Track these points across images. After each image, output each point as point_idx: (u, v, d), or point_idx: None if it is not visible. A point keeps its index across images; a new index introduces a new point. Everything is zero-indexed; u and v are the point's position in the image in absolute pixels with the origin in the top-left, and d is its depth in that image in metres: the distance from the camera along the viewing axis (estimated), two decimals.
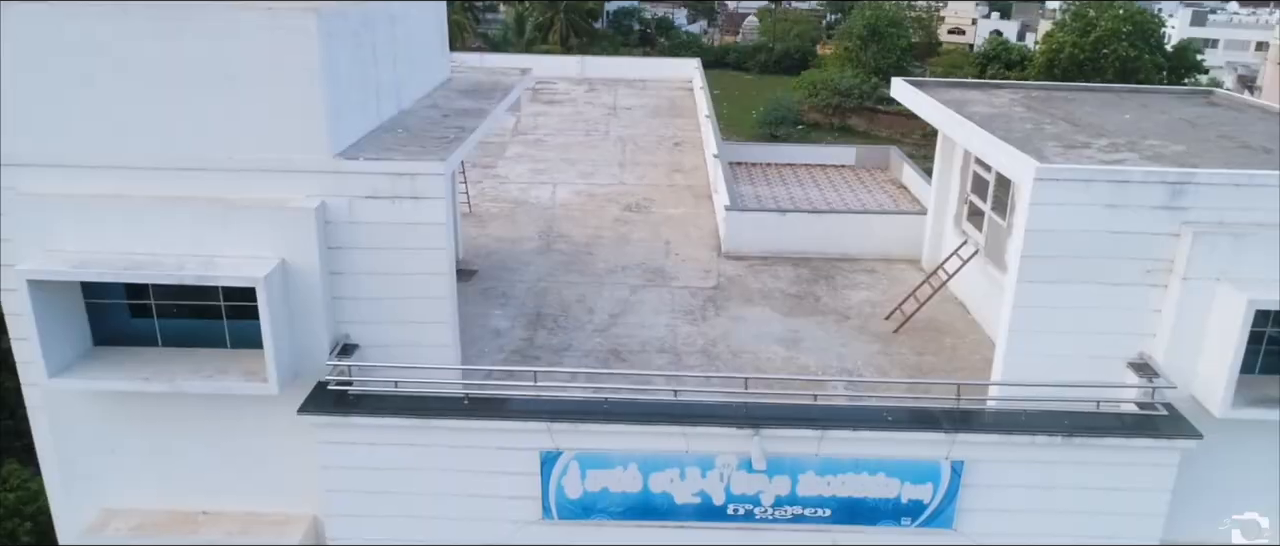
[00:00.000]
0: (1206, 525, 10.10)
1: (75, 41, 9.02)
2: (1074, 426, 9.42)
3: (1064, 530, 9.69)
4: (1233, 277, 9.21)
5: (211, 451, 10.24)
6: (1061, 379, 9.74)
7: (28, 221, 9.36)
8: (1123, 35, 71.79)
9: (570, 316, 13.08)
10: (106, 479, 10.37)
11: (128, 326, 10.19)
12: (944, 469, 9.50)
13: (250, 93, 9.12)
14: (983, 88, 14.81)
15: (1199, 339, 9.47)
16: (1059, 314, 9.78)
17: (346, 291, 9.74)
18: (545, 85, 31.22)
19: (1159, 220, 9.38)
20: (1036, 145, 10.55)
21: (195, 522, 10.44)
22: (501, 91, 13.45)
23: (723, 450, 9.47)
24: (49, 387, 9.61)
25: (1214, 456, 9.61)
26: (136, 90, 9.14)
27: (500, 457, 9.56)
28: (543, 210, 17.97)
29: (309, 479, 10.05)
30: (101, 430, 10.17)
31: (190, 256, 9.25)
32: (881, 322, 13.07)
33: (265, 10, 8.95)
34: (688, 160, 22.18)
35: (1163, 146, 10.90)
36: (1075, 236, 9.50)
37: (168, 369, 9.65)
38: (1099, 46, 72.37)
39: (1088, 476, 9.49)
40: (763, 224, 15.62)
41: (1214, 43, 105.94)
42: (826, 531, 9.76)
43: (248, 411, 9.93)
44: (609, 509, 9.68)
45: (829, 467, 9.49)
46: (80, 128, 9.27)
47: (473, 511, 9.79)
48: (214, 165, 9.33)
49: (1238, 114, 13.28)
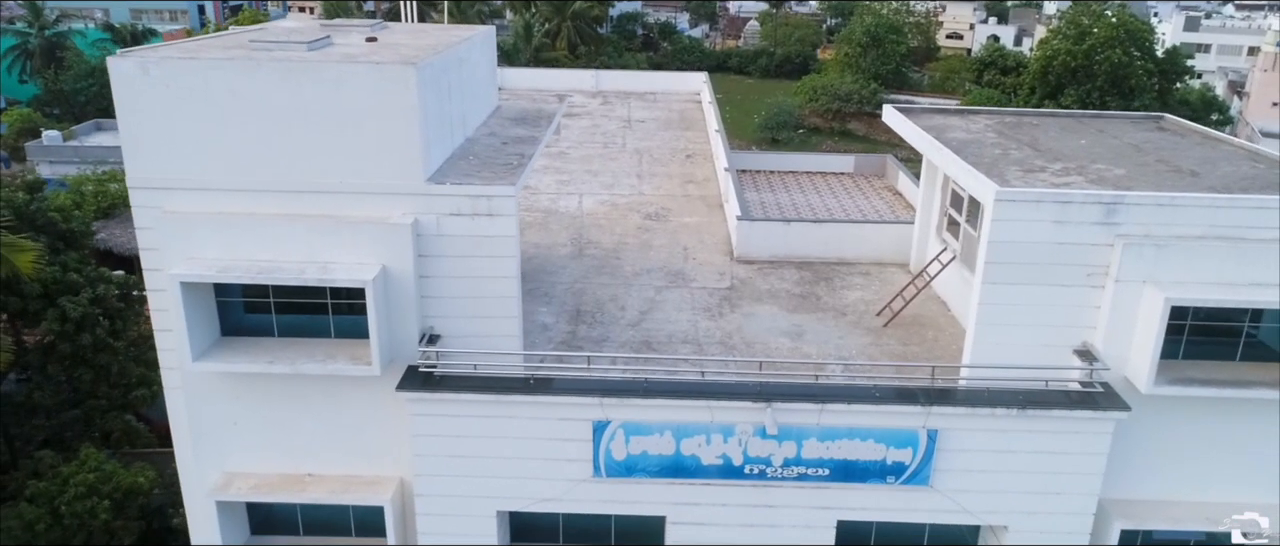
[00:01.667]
0: (1138, 482, 12.23)
1: (216, 88, 11.17)
2: (1027, 401, 11.57)
3: (1019, 486, 11.83)
4: (1155, 280, 11.35)
5: (317, 423, 12.37)
6: (1018, 362, 11.89)
7: (173, 234, 11.50)
8: (1115, 42, 73.69)
9: (605, 313, 15.21)
10: (229, 447, 12.51)
11: (245, 320, 12.35)
12: (922, 436, 11.65)
13: (359, 130, 11.27)
14: (962, 114, 16.98)
15: (1129, 330, 11.61)
16: (1017, 309, 11.92)
17: (433, 291, 11.88)
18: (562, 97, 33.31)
19: (1096, 233, 11.52)
20: (1000, 169, 12.71)
21: (303, 483, 12.59)
22: (546, 119, 15.61)
23: (741, 420, 11.61)
24: (190, 370, 11.76)
25: (1142, 425, 11.75)
26: (264, 127, 11.29)
27: (559, 426, 11.70)
28: (572, 219, 20.08)
29: (398, 446, 12.22)
30: (227, 406, 12.31)
31: (308, 263, 11.40)
32: (873, 318, 15.19)
33: (374, 67, 11.11)
34: (699, 172, 24.28)
35: (1107, 170, 13.05)
36: (1029, 246, 11.64)
37: (286, 354, 11.80)
38: (1092, 53, 74.34)
39: (1039, 442, 11.64)
40: (770, 232, 17.74)
41: (1206, 48, 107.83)
42: (826, 488, 11.90)
43: (349, 390, 12.07)
44: (647, 468, 11.83)
45: (828, 435, 11.63)
46: (217, 157, 11.41)
47: (536, 471, 11.93)
48: (327, 188, 11.47)
49: (1180, 139, 15.43)
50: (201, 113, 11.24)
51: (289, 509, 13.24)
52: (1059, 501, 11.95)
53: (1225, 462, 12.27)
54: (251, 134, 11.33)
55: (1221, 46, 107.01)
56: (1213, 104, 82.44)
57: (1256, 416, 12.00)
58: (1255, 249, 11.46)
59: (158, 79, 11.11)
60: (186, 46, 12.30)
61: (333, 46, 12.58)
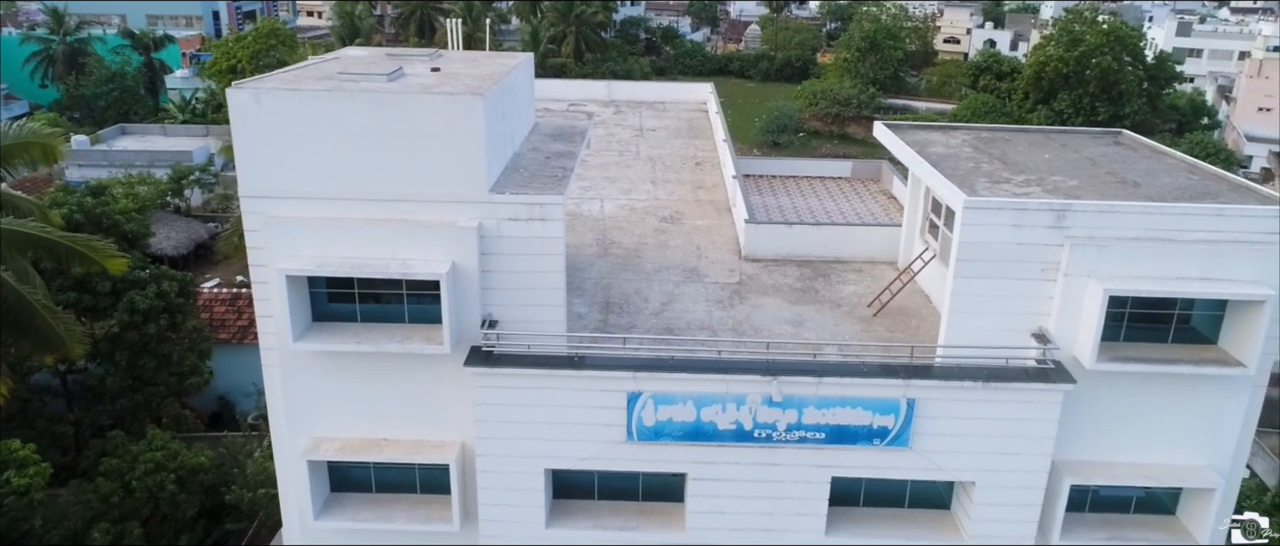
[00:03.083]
0: (1086, 444, 14.48)
1: (316, 114, 13.44)
2: (991, 375, 13.84)
3: (985, 447, 14.10)
4: (1097, 275, 13.61)
5: (392, 395, 14.62)
6: (984, 343, 14.15)
7: (277, 235, 13.76)
8: (1106, 49, 75.93)
9: (631, 304, 17.46)
10: (317, 415, 14.77)
11: (329, 308, 14.60)
12: (902, 405, 13.91)
13: (433, 148, 13.53)
14: (943, 130, 19.25)
15: (1077, 316, 13.86)
16: (983, 299, 14.17)
17: (492, 283, 14.12)
18: (577, 108, 35.55)
19: (1049, 235, 13.78)
20: (971, 180, 14.98)
21: (379, 446, 14.85)
22: (579, 135, 17.88)
23: (751, 392, 13.87)
24: (289, 350, 14.01)
25: (1087, 396, 14.01)
26: (354, 146, 13.55)
27: (599, 397, 13.96)
28: (595, 221, 22.32)
29: (461, 414, 14.47)
30: (316, 380, 14.56)
31: (392, 259, 13.66)
32: (865, 309, 17.44)
33: (448, 96, 13.38)
34: (708, 178, 26.52)
35: (1063, 181, 15.31)
36: (992, 246, 13.90)
37: (370, 336, 14.06)
38: (1084, 59, 76.59)
39: (1001, 410, 13.91)
40: (774, 234, 19.97)
41: (1198, 52, 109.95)
42: (822, 449, 14.16)
43: (420, 366, 14.32)
44: (672, 433, 14.09)
45: (824, 404, 13.89)
46: (314, 170, 13.66)
47: (578, 435, 14.20)
48: (406, 197, 13.73)
49: (1132, 153, 17.70)
50: (302, 134, 13.51)
51: (364, 470, 15.50)
52: (1018, 461, 14.21)
53: (1160, 428, 14.52)
54: (343, 151, 13.59)
55: (1213, 51, 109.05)
56: (1202, 108, 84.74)
57: (1185, 389, 14.26)
58: (1183, 248, 13.72)
59: (268, 107, 13.38)
60: (287, 77, 14.57)
61: (406, 77, 14.86)
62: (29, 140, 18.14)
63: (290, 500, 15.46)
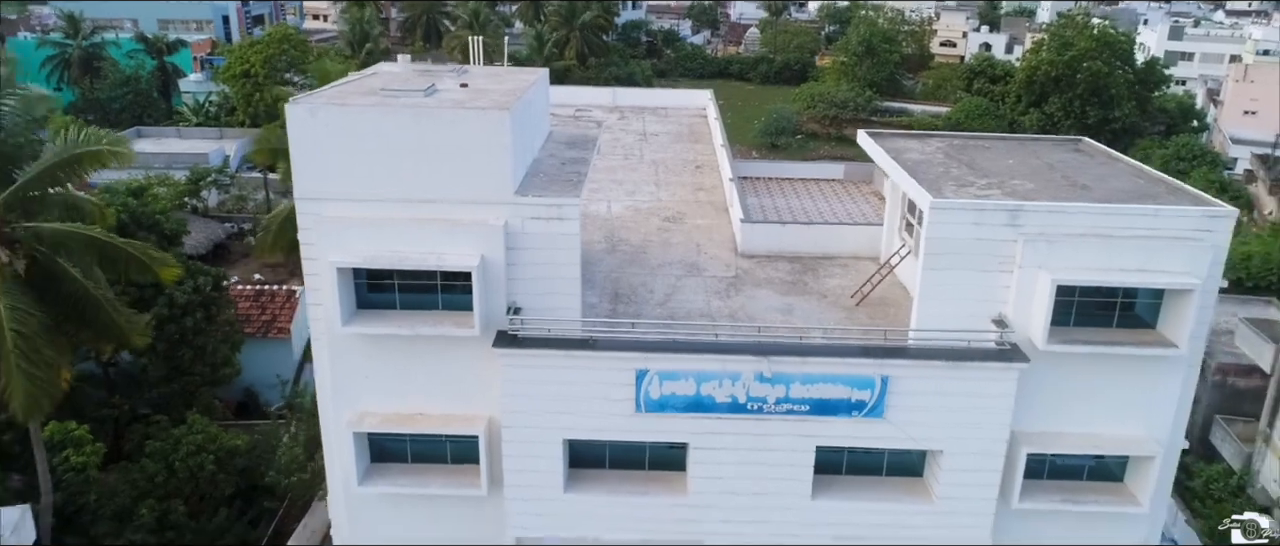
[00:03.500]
0: (1040, 417, 16.36)
1: (362, 126, 15.37)
2: (955, 355, 15.76)
3: (951, 419, 16.00)
4: (1047, 267, 15.52)
5: (427, 374, 16.52)
6: (950, 327, 16.06)
7: (328, 232, 15.68)
8: (1096, 54, 77.78)
9: (637, 295, 19.36)
10: (360, 391, 16.67)
11: (369, 298, 16.51)
12: (877, 381, 15.82)
13: (466, 156, 15.45)
14: (920, 138, 21.18)
15: (1030, 303, 15.77)
16: (949, 288, 16.08)
17: (516, 275, 16.02)
18: (584, 113, 37.42)
19: (1005, 232, 15.69)
20: (939, 184, 16.90)
21: (415, 419, 16.77)
22: (590, 142, 19.81)
23: (744, 370, 15.78)
24: (337, 333, 15.92)
25: (1040, 374, 15.90)
26: (395, 154, 15.46)
27: (611, 374, 15.87)
28: (603, 221, 24.21)
29: (489, 391, 16.36)
30: (360, 360, 16.46)
31: (429, 253, 15.57)
32: (848, 299, 19.35)
33: (479, 111, 15.31)
34: (707, 180, 28.41)
35: (1021, 184, 17.23)
36: (956, 241, 15.81)
37: (408, 321, 15.98)
38: (1074, 64, 78.44)
39: (964, 386, 15.82)
40: (768, 232, 21.86)
41: (1190, 56, 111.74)
42: (807, 420, 16.07)
43: (453, 348, 16.21)
44: (675, 405, 16.00)
45: (808, 380, 15.81)
46: (360, 175, 15.57)
47: (593, 408, 16.10)
48: (441, 198, 15.64)
49: (1089, 159, 19.62)
50: (351, 143, 15.43)
51: (400, 442, 17.40)
52: (981, 431, 16.12)
53: (1106, 403, 16.43)
54: (386, 159, 15.51)
55: (1204, 54, 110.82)
56: (1190, 111, 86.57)
57: (1128, 368, 16.16)
58: (1123, 244, 15.63)
59: (321, 120, 15.32)
60: (336, 93, 16.52)
61: (439, 92, 16.79)
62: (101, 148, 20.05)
63: (335, 469, 17.37)
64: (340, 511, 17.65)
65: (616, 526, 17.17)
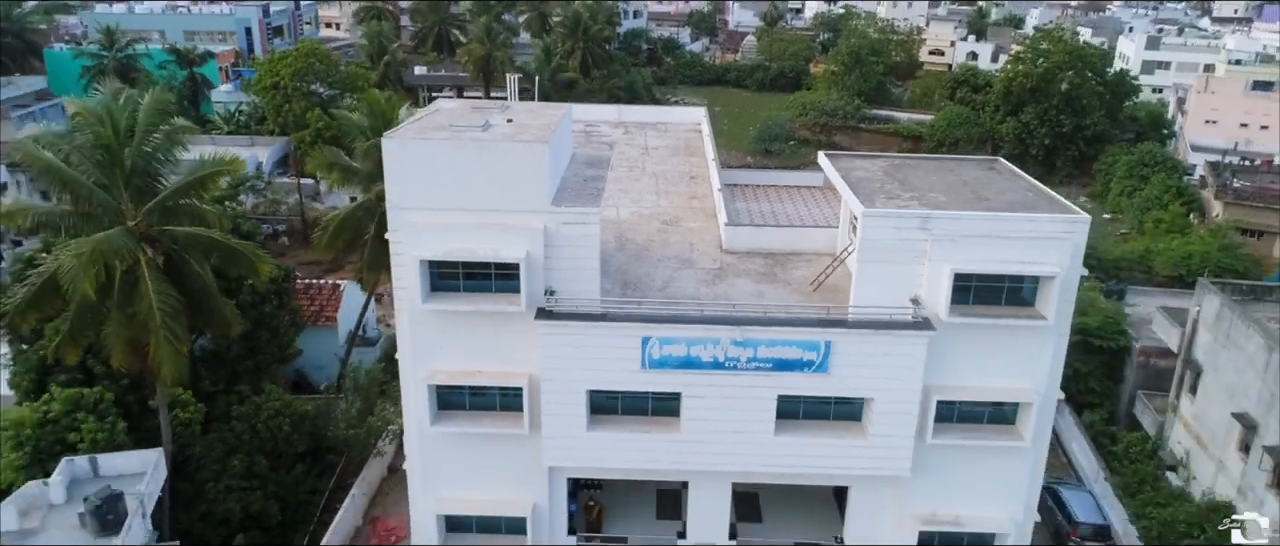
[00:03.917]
0: (947, 374, 21.60)
1: (437, 154, 20.67)
2: (881, 325, 21.05)
3: (878, 374, 21.27)
4: (949, 260, 20.79)
5: (484, 340, 21.76)
6: (879, 305, 21.33)
7: (412, 233, 20.95)
8: (1069, 66, 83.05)
9: (642, 283, 24.59)
10: (432, 354, 21.94)
11: (440, 283, 21.78)
12: (823, 345, 21.10)
13: (514, 176, 20.72)
14: (869, 158, 26.48)
15: (937, 287, 21.04)
16: (878, 276, 21.35)
17: (551, 266, 21.27)
18: (593, 128, 42.66)
19: (918, 234, 20.97)
20: (872, 197, 22.18)
21: (473, 374, 22.06)
22: (605, 162, 25.10)
23: (723, 337, 21.06)
24: (417, 309, 21.20)
25: (945, 340, 21.18)
26: (462, 174, 20.73)
27: (623, 340, 21.15)
28: (613, 224, 29.35)
29: (530, 354, 21.60)
30: (433, 330, 21.72)
31: (487, 249, 20.83)
32: (808, 286, 24.60)
33: (523, 144, 20.63)
34: (700, 189, 33.61)
35: (936, 197, 22.51)
36: (882, 242, 21.09)
37: (471, 300, 21.27)
38: (1049, 75, 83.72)
39: (888, 348, 21.10)
40: (747, 233, 27.05)
41: (1166, 65, 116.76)
42: (771, 374, 21.32)
43: (503, 321, 21.46)
44: (671, 363, 21.28)
45: (771, 344, 21.09)
46: (436, 190, 20.82)
47: (609, 366, 21.39)
48: (496, 208, 20.90)
49: (998, 177, 24.89)
50: (429, 167, 20.72)
51: (460, 394, 22.67)
52: (901, 383, 21.38)
53: (997, 362, 21.69)
54: (455, 178, 20.78)
55: (1180, 64, 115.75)
56: (1159, 120, 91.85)
57: (1013, 336, 21.43)
58: (1007, 242, 20.90)
59: (408, 151, 20.64)
60: (415, 129, 21.86)
61: (492, 127, 22.10)
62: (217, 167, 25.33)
63: (411, 413, 22.66)
64: (414, 446, 22.97)
65: (626, 458, 22.54)
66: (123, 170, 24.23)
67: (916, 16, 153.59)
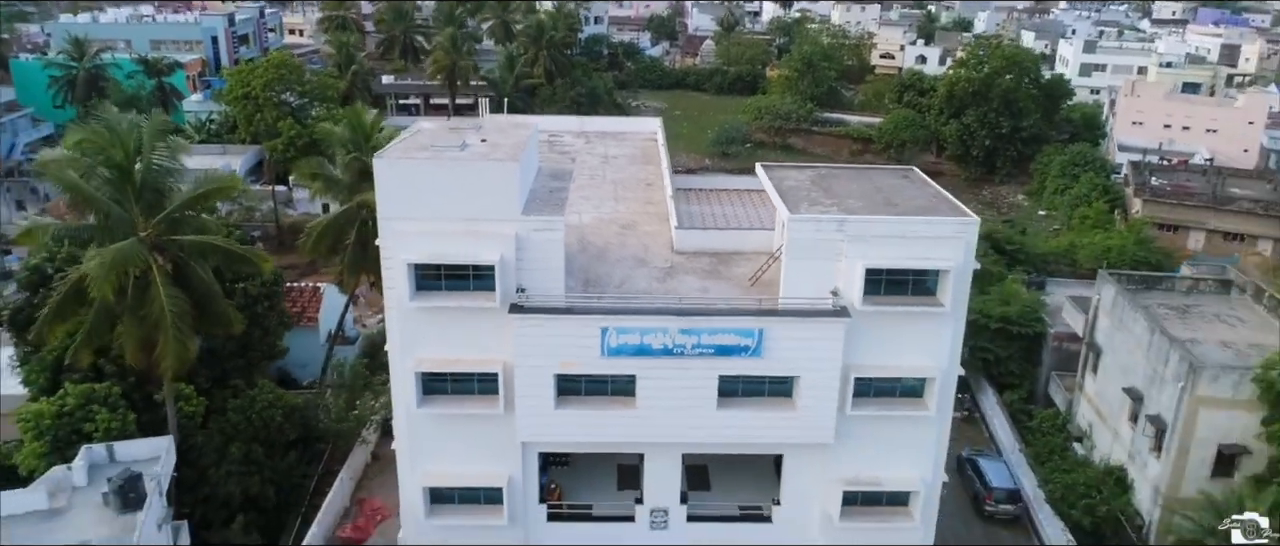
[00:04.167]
0: (862, 355, 25.26)
1: (421, 172, 23.89)
2: (806, 314, 24.66)
3: (803, 355, 24.87)
4: (862, 257, 24.43)
5: (462, 332, 24.99)
6: (803, 296, 24.93)
7: (400, 240, 24.13)
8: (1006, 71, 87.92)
9: (601, 280, 27.94)
10: (418, 345, 25.14)
11: (424, 283, 24.97)
12: (757, 332, 24.65)
13: (488, 190, 23.99)
14: (799, 168, 30.13)
15: (852, 280, 24.70)
16: (803, 272, 24.95)
17: (522, 266, 24.57)
18: (556, 138, 45.93)
19: (835, 235, 24.60)
20: (798, 203, 25.79)
21: (454, 362, 25.29)
22: (568, 174, 28.43)
23: (672, 326, 24.51)
24: (405, 306, 24.39)
25: (860, 326, 24.85)
26: (442, 188, 23.96)
27: (586, 331, 24.50)
28: (575, 228, 32.48)
29: (504, 344, 24.87)
30: (419, 324, 24.91)
31: (465, 252, 24.07)
32: (747, 282, 28.14)
33: (496, 162, 23.93)
34: (655, 196, 37.02)
35: (853, 203, 26.18)
36: (805, 241, 24.70)
37: (452, 298, 24.51)
38: (988, 80, 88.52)
39: (811, 333, 24.72)
40: (695, 236, 30.44)
41: (1103, 68, 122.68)
42: (712, 358, 24.81)
43: (480, 315, 24.69)
44: (627, 350, 24.68)
45: (714, 331, 24.58)
46: (420, 202, 24.03)
47: (573, 352, 24.73)
48: (473, 217, 24.14)
49: (910, 185, 28.64)
50: (415, 183, 23.91)
51: (443, 380, 25.85)
52: (822, 363, 24.99)
53: (905, 344, 25.40)
54: (436, 191, 23.98)
55: (1115, 66, 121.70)
56: (1093, 121, 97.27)
57: (917, 321, 25.16)
58: (910, 241, 24.61)
59: (396, 169, 23.83)
60: (400, 149, 25.01)
61: (469, 146, 25.34)
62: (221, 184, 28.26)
63: (400, 397, 25.81)
64: (403, 425, 26.13)
65: (589, 432, 25.95)
66: (134, 187, 27.10)
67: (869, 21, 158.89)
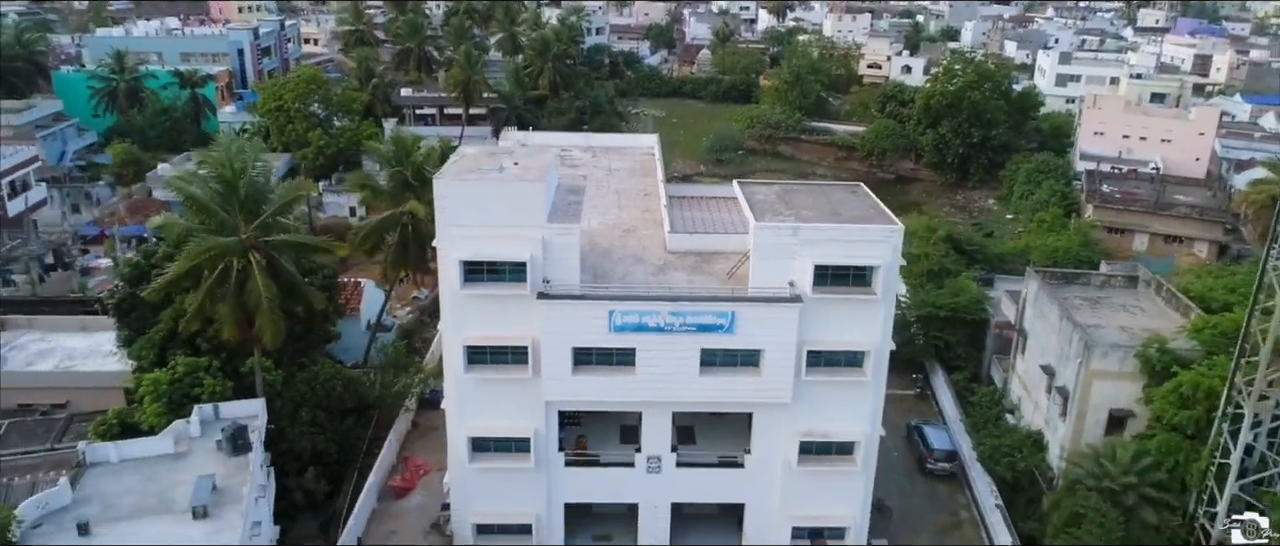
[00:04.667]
0: (814, 332, 32.24)
1: (470, 190, 30.91)
2: (769, 300, 31.68)
3: (767, 332, 31.88)
4: (812, 257, 31.42)
5: (502, 314, 31.97)
6: (768, 286, 31.94)
7: (453, 241, 31.14)
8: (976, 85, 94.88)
9: (609, 274, 34.84)
10: (466, 325, 32.14)
11: (470, 277, 31.96)
12: (731, 314, 31.66)
13: (521, 202, 31.02)
14: (768, 184, 37.13)
15: (804, 274, 31.68)
16: (766, 268, 31.95)
17: (547, 263, 31.57)
18: (566, 153, 52.89)
19: (791, 239, 31.60)
20: (763, 213, 32.81)
21: (493, 337, 32.28)
22: (581, 189, 35.45)
23: (663, 309, 31.52)
24: (457, 293, 31.40)
25: (810, 311, 31.86)
26: (486, 201, 30.98)
27: (596, 313, 31.51)
28: (587, 233, 39.42)
29: (534, 323, 31.88)
30: (465, 308, 31.91)
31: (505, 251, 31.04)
32: (724, 276, 35.08)
33: (528, 183, 30.98)
34: (652, 204, 43.94)
35: (809, 213, 33.19)
36: (768, 245, 31.71)
37: (494, 287, 31.50)
38: (960, 93, 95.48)
39: (773, 316, 31.74)
40: (685, 238, 37.37)
41: (1078, 78, 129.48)
42: (695, 334, 31.79)
43: (515, 301, 31.67)
44: (629, 328, 31.68)
45: (697, 314, 31.60)
46: (469, 213, 31.03)
47: (586, 331, 31.74)
48: (509, 224, 31.15)
49: (854, 198, 35.64)
50: (465, 198, 30.91)
51: (483, 353, 32.82)
52: (781, 339, 31.97)
53: (847, 325, 32.39)
54: (482, 205, 30.98)
55: (1089, 77, 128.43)
56: (1060, 131, 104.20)
57: (856, 306, 32.13)
58: (850, 244, 31.59)
59: (452, 187, 30.85)
60: (453, 171, 32.00)
61: (505, 169, 32.35)
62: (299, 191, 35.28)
63: (450, 364, 32.81)
64: (452, 388, 33.14)
65: (598, 393, 32.99)
66: (238, 198, 34.13)
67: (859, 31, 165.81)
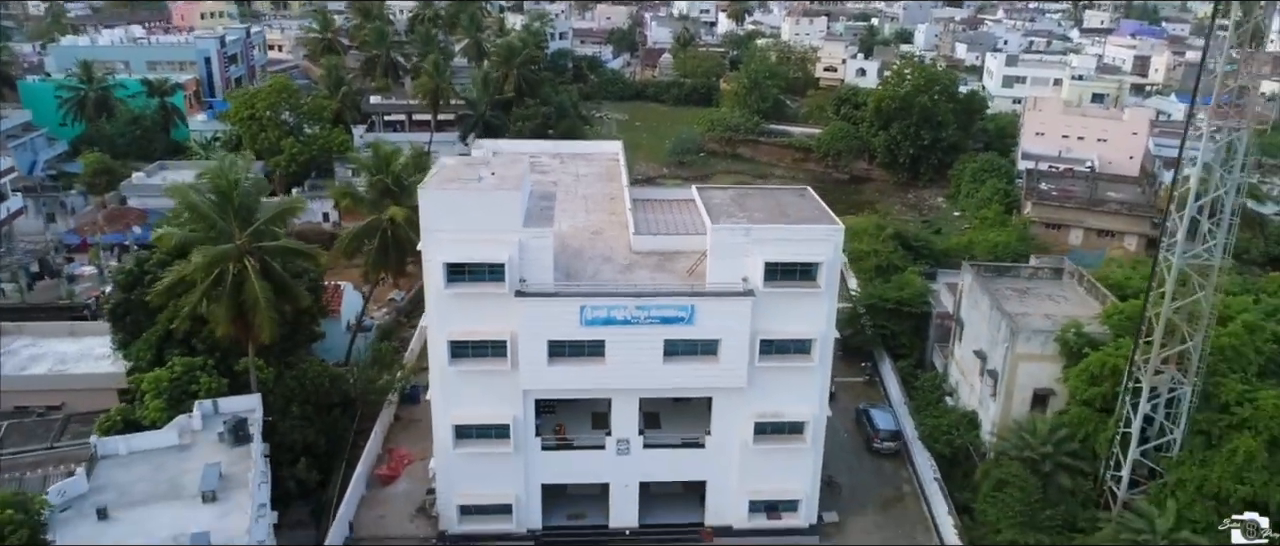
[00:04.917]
0: (765, 322, 35.73)
1: (450, 198, 33.94)
2: (724, 294, 35.11)
3: (723, 323, 35.30)
4: (762, 254, 34.89)
5: (482, 310, 35.03)
6: (724, 282, 35.36)
7: (436, 246, 34.14)
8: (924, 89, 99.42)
9: (579, 273, 38.01)
10: (449, 321, 35.15)
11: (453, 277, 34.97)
12: (691, 307, 35.03)
13: (498, 209, 34.11)
14: (722, 189, 40.59)
15: (756, 270, 35.15)
16: (722, 266, 35.38)
17: (523, 264, 34.67)
18: (536, 160, 55.90)
19: (743, 238, 35.06)
20: (718, 215, 36.23)
21: (475, 332, 35.34)
22: (553, 196, 38.60)
23: (629, 304, 34.80)
24: (441, 293, 34.40)
25: (762, 303, 35.33)
26: (465, 208, 34.03)
27: (569, 308, 34.71)
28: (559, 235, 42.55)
29: (512, 318, 35.00)
30: (449, 306, 34.91)
31: (484, 255, 34.12)
32: (685, 273, 38.43)
33: (505, 191, 34.09)
34: (618, 208, 47.21)
35: (760, 215, 36.68)
36: (724, 245, 35.13)
37: (475, 287, 34.55)
38: (909, 97, 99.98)
39: (728, 309, 35.18)
40: (648, 240, 40.65)
41: (1023, 80, 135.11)
42: (659, 326, 35.12)
43: (494, 299, 34.75)
44: (598, 321, 34.92)
45: (660, 307, 34.93)
46: (450, 219, 34.05)
47: (560, 325, 34.92)
48: (488, 229, 34.21)
49: (802, 200, 39.21)
50: (447, 205, 33.92)
51: (465, 347, 35.84)
52: (736, 329, 35.42)
53: (794, 315, 35.91)
54: (463, 211, 34.00)
55: (1034, 79, 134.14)
56: (1005, 132, 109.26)
57: (802, 299, 35.67)
58: (796, 242, 35.13)
59: (436, 195, 33.84)
60: (435, 180, 34.98)
61: (483, 179, 35.40)
62: (291, 204, 37.96)
63: (435, 358, 35.77)
64: (436, 380, 36.11)
65: (572, 382, 36.19)
66: (233, 207, 36.80)
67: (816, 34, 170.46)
